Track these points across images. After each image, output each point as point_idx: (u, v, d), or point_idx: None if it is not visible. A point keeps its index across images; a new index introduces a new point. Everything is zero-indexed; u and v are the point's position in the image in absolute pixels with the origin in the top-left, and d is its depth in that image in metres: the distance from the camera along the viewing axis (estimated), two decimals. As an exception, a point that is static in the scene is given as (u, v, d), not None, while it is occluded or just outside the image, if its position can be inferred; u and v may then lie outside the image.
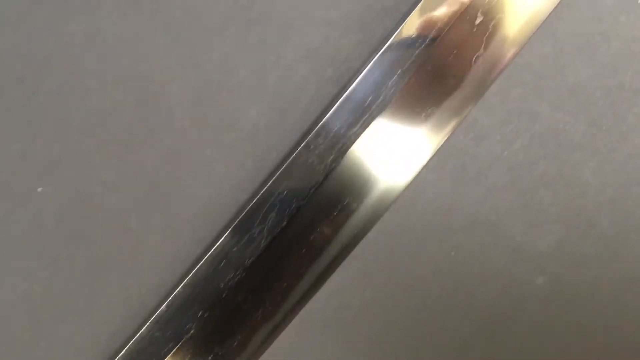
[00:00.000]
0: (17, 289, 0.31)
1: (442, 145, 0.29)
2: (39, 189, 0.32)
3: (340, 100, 0.28)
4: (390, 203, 0.28)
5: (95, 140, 0.31)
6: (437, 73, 0.28)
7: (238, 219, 0.28)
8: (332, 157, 0.28)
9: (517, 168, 0.30)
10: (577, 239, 0.30)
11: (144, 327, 0.28)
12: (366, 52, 0.31)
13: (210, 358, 0.29)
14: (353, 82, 0.28)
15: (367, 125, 0.28)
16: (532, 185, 0.30)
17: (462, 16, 0.27)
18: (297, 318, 0.29)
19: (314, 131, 0.28)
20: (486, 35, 0.28)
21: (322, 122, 0.28)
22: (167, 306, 0.28)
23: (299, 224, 0.28)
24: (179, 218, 0.31)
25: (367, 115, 0.28)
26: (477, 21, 0.28)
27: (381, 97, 0.28)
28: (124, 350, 0.28)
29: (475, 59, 0.28)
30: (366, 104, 0.28)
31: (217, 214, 0.31)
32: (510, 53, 0.28)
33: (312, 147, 0.28)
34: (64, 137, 0.31)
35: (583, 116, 0.30)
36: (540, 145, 0.30)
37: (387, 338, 0.31)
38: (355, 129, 0.28)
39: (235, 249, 0.28)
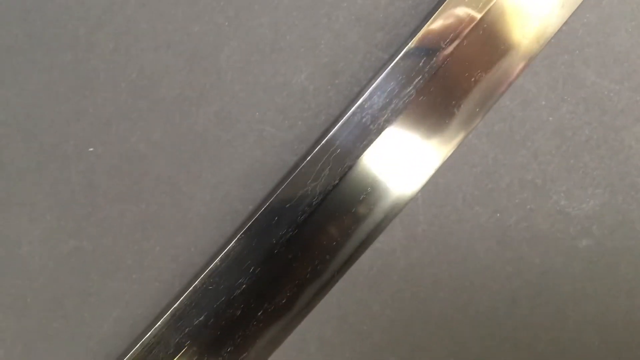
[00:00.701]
0: (67, 246, 0.32)
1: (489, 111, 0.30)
2: (90, 149, 0.33)
3: (393, 62, 0.29)
4: (441, 163, 0.29)
5: (147, 102, 0.32)
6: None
7: (292, 176, 0.29)
8: (384, 117, 0.28)
9: (562, 133, 0.31)
10: (621, 203, 0.31)
11: (198, 279, 0.29)
12: (415, 20, 0.31)
13: (260, 313, 0.30)
14: (401, 50, 0.29)
15: (421, 87, 0.29)
16: (577, 150, 0.31)
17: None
18: (344, 277, 0.30)
19: (367, 91, 0.28)
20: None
21: (375, 82, 0.29)
22: (220, 260, 0.29)
23: (351, 183, 0.29)
24: (229, 178, 0.32)
25: (420, 77, 0.29)
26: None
27: (434, 59, 0.28)
28: (177, 303, 0.29)
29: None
30: (419, 66, 0.28)
31: (266, 174, 0.32)
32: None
33: (366, 106, 0.28)
34: (116, 98, 0.32)
35: (627, 83, 0.30)
36: (585, 111, 0.31)
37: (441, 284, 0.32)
38: (409, 89, 0.28)
39: (288, 205, 0.29)
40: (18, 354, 0.32)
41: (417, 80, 0.29)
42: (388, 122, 0.29)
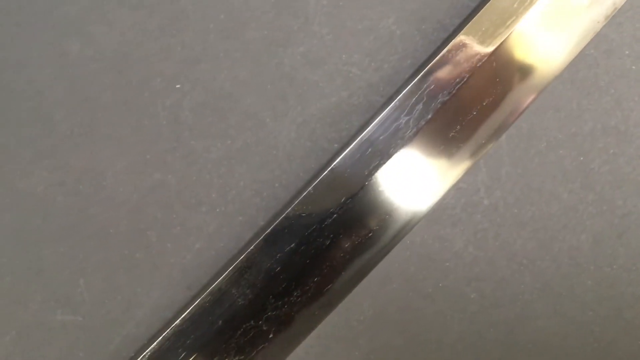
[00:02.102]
0: (151, 179, 0.33)
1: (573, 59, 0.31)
2: (177, 86, 0.33)
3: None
4: (526, 107, 0.30)
5: (234, 42, 0.33)
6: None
7: (385, 110, 0.30)
8: (477, 57, 0.30)
9: (645, 81, 0.32)
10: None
11: (291, 206, 0.30)
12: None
13: (347, 245, 0.30)
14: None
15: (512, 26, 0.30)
16: (659, 98, 0.32)
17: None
18: (428, 214, 0.31)
19: (464, 29, 0.30)
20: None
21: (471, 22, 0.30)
22: (313, 188, 0.30)
23: (443, 118, 0.30)
24: (315, 117, 0.33)
25: (512, 19, 0.30)
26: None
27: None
28: (271, 228, 0.30)
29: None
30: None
31: (352, 114, 0.33)
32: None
33: (461, 44, 0.29)
34: (204, 38, 0.33)
35: None
36: (668, 61, 0.32)
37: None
38: (500, 29, 0.30)
39: (381, 137, 0.30)
40: (100, 283, 0.33)
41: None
42: (480, 61, 0.30)
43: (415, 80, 0.30)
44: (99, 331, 0.33)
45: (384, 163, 0.31)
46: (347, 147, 0.31)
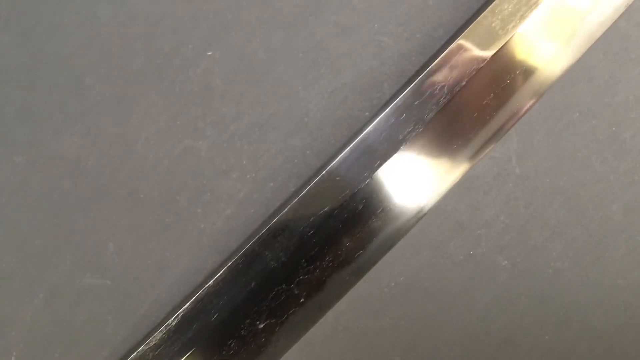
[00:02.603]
0: (182, 145, 0.33)
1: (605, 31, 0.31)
2: (209, 53, 0.34)
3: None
4: (558, 78, 0.30)
5: (266, 10, 0.33)
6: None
7: (420, 77, 0.30)
8: (513, 22, 0.30)
9: (677, 53, 0.32)
10: None
11: (326, 169, 0.30)
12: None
13: (379, 211, 0.30)
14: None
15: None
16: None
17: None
18: (459, 182, 0.31)
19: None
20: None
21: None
22: (350, 150, 0.30)
23: (476, 86, 0.30)
24: (347, 85, 0.33)
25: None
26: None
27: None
28: (305, 191, 0.30)
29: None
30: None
31: (384, 82, 0.33)
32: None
33: (496, 11, 0.30)
34: (236, 6, 0.33)
35: None
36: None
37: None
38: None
39: (416, 103, 0.30)
40: (129, 247, 0.33)
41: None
42: (515, 26, 0.30)
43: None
44: (128, 295, 0.33)
45: (418, 129, 0.31)
46: (380, 114, 0.31)
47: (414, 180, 0.32)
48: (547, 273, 0.33)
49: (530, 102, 0.31)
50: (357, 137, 0.32)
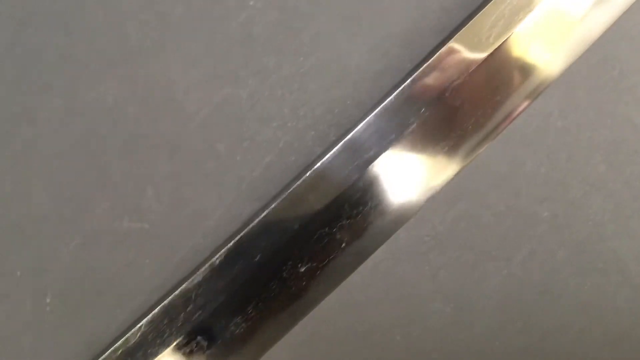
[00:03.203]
0: (222, 92, 0.33)
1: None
2: (250, 2, 0.34)
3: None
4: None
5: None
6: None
7: (465, 26, 0.30)
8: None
9: None
10: None
11: (371, 114, 0.30)
12: None
13: (427, 153, 0.31)
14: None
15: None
16: None
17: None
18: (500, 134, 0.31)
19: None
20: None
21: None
22: (395, 97, 0.30)
23: (520, 38, 0.30)
24: (389, 37, 0.34)
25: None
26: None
27: None
28: (350, 136, 0.30)
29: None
30: None
31: (427, 35, 0.33)
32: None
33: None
34: (279, -45, 0.34)
35: None
36: None
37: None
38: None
39: (455, 55, 0.30)
40: (167, 193, 0.33)
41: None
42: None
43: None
44: (165, 240, 0.33)
45: (461, 81, 0.31)
46: (427, 60, 0.32)
47: (457, 128, 0.32)
48: (586, 225, 0.34)
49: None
50: (399, 87, 0.32)
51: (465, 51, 0.31)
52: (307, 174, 0.31)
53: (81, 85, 0.34)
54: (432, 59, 0.32)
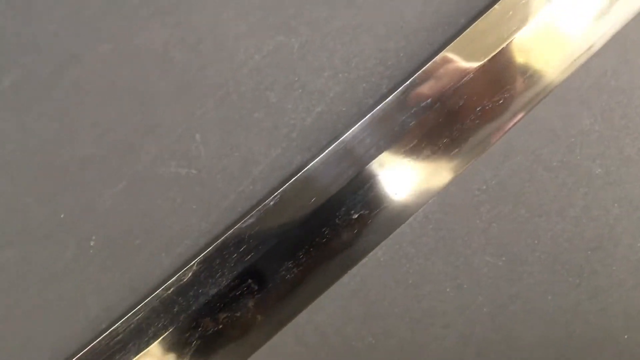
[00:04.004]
0: (273, 42, 0.34)
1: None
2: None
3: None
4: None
5: None
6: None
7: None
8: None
9: None
10: None
11: (430, 63, 0.30)
12: None
13: (479, 109, 0.31)
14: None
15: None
16: None
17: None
18: (555, 91, 0.31)
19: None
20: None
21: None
22: (452, 48, 0.30)
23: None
24: None
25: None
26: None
27: None
28: (408, 82, 0.30)
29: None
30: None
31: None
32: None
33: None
34: None
35: None
36: None
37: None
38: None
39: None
40: (216, 140, 0.33)
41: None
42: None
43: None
44: (213, 186, 0.33)
45: (503, 47, 0.31)
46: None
47: (508, 83, 0.32)
48: (639, 183, 0.34)
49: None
50: (459, 35, 0.32)
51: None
52: (360, 122, 0.31)
53: (130, 30, 0.34)
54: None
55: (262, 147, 0.34)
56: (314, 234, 0.31)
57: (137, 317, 0.30)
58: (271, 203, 0.31)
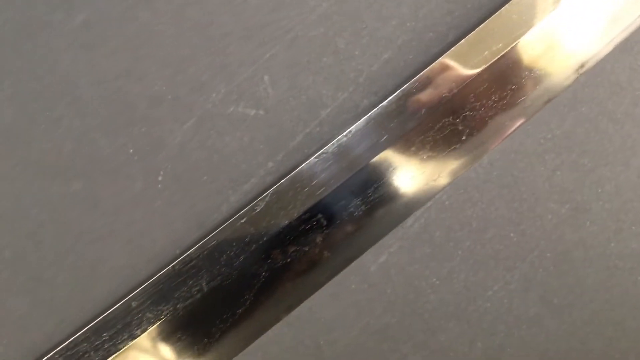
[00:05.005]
0: None
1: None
2: None
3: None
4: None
5: None
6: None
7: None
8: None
9: None
10: None
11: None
12: None
13: (546, 59, 0.31)
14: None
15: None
16: None
17: None
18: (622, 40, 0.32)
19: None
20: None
21: None
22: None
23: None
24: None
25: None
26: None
27: None
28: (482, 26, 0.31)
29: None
30: None
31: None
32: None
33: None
34: None
35: None
36: None
37: None
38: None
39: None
40: (284, 82, 0.34)
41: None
42: None
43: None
44: (281, 127, 0.34)
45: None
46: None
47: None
48: None
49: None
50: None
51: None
52: (436, 61, 0.32)
53: (199, -25, 0.35)
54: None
55: (330, 90, 0.35)
56: (383, 173, 0.32)
57: (211, 245, 0.31)
58: (344, 139, 0.31)
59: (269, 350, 0.34)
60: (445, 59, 0.32)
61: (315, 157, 0.32)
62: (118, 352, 0.30)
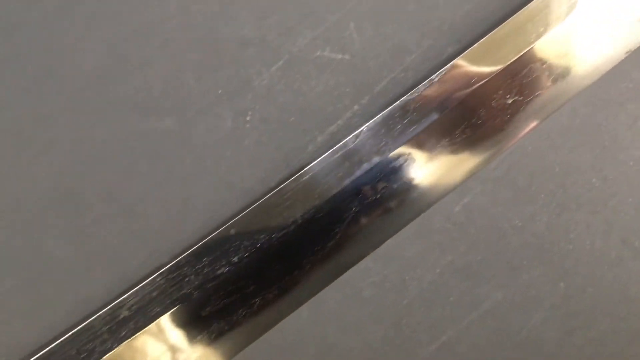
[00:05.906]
0: None
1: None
2: None
3: None
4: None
5: None
6: None
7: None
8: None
9: None
10: None
11: None
12: None
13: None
14: None
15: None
16: None
17: None
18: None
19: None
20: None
21: None
22: None
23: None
24: None
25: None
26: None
27: None
28: None
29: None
30: None
31: None
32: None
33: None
34: None
35: None
36: None
37: None
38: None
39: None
40: (370, 29, 0.35)
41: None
42: None
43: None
44: (366, 71, 0.35)
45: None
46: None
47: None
48: None
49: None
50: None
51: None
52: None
53: None
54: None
55: (414, 37, 0.36)
56: (472, 114, 0.33)
57: (305, 178, 0.32)
58: (436, 79, 0.32)
59: (356, 285, 0.35)
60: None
61: (409, 95, 0.33)
62: (216, 279, 0.31)
